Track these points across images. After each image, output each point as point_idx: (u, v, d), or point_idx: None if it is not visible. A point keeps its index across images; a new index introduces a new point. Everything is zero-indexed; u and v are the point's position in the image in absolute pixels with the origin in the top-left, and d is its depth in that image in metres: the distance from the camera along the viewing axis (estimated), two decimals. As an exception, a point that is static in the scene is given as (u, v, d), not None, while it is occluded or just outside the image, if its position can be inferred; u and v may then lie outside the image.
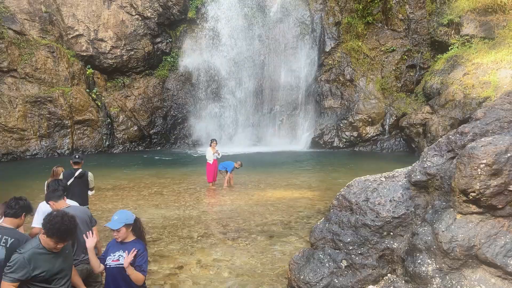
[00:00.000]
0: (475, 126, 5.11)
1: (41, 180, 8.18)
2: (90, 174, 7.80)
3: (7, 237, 3.88)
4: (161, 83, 25.64)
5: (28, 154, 21.05)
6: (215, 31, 25.30)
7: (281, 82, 25.81)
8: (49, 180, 7.13)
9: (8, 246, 3.83)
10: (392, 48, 24.03)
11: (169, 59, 25.73)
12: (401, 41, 24.09)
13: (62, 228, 3.51)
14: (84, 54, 23.56)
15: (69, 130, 22.14)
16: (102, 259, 4.13)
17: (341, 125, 23.44)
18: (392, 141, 22.87)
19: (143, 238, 4.22)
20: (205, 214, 9.85)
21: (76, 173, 7.59)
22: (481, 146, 4.27)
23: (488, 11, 20.82)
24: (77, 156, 7.89)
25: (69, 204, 4.99)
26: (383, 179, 5.56)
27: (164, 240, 7.80)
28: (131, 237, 4.12)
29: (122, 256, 3.97)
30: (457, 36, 21.56)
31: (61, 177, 7.42)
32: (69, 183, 7.22)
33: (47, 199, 4.94)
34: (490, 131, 5.03)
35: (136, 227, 4.16)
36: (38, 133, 21.43)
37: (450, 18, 21.68)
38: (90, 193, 7.87)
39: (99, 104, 23.47)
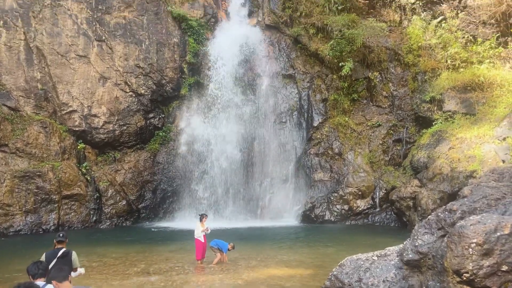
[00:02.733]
0: (463, 204, 5.16)
1: (25, 260, 7.85)
2: (74, 253, 7.53)
3: None
4: (152, 157, 25.77)
5: (12, 231, 20.42)
6: (207, 107, 26.05)
7: (271, 156, 26.15)
8: None
9: None
10: (378, 123, 24.81)
11: (161, 134, 26.11)
12: (386, 116, 24.95)
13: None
14: (77, 129, 23.87)
15: (56, 205, 21.75)
16: None
17: (332, 198, 23.40)
18: (383, 214, 22.76)
19: None
20: (193, 295, 9.42)
21: (59, 253, 7.33)
22: (471, 224, 4.28)
23: (468, 89, 21.94)
24: (61, 235, 7.68)
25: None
26: (375, 258, 5.46)
27: (149, 325, 7.37)
28: None
29: None
30: (440, 112, 22.44)
31: (43, 257, 7.16)
32: (51, 264, 6.93)
33: (52, 279, 4.94)
34: (478, 208, 5.07)
35: None
36: (24, 208, 20.99)
37: (432, 95, 22.72)
38: (73, 274, 7.48)
39: (89, 178, 23.32)
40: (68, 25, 23.84)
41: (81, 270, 7.67)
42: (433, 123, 22.43)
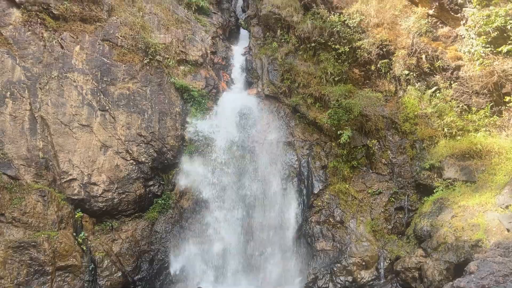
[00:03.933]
0: (470, 281, 4.97)
1: None
2: None
3: None
4: (150, 226, 25.33)
5: (1, 305, 19.56)
6: (205, 175, 26.06)
7: (271, 224, 25.67)
8: None
9: None
10: (378, 191, 24.66)
11: (160, 201, 25.87)
12: (386, 184, 24.86)
13: None
14: (75, 197, 23.68)
15: (49, 277, 20.97)
16: None
17: (335, 269, 22.63)
18: (388, 286, 21.83)
19: None
20: None
21: None
22: (480, 305, 4.09)
23: (466, 157, 22.09)
24: None
25: None
26: None
27: None
28: None
29: None
30: (440, 179, 22.41)
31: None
32: None
33: None
34: (486, 286, 4.88)
35: None
36: (15, 280, 20.21)
37: (431, 163, 22.82)
38: None
39: (85, 248, 22.72)
40: (73, 95, 24.57)
41: None
42: (434, 191, 22.31)
